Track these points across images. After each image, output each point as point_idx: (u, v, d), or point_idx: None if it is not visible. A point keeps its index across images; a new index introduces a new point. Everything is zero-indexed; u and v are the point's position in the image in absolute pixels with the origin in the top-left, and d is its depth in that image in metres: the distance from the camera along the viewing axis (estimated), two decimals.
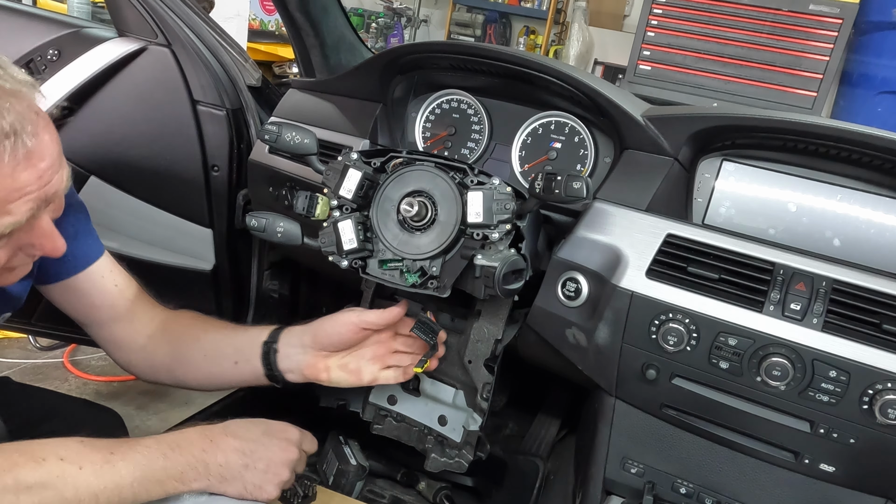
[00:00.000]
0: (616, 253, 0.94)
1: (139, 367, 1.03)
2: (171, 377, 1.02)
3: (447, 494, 1.39)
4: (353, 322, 0.95)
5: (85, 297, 0.98)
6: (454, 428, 1.07)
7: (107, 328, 1.01)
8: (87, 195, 1.45)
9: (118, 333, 1.01)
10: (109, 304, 0.99)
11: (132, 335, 1.01)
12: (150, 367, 1.02)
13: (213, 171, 1.44)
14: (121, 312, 1.00)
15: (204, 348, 0.99)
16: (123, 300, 1.00)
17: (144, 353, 1.01)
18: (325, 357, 0.97)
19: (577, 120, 1.14)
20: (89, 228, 0.99)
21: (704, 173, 1.02)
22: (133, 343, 1.01)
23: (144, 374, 1.04)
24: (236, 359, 0.98)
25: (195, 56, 1.39)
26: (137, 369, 1.03)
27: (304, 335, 0.97)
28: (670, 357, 0.90)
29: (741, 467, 0.95)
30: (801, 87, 2.87)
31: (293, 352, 0.97)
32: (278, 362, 0.97)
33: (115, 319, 1.00)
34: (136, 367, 1.03)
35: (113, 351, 1.03)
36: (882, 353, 0.80)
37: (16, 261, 0.75)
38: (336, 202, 0.95)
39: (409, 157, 0.96)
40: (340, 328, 0.95)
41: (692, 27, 3.01)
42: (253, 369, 0.98)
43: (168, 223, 1.49)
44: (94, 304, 0.99)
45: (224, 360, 0.99)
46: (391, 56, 1.20)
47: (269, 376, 0.98)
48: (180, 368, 1.00)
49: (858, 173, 0.94)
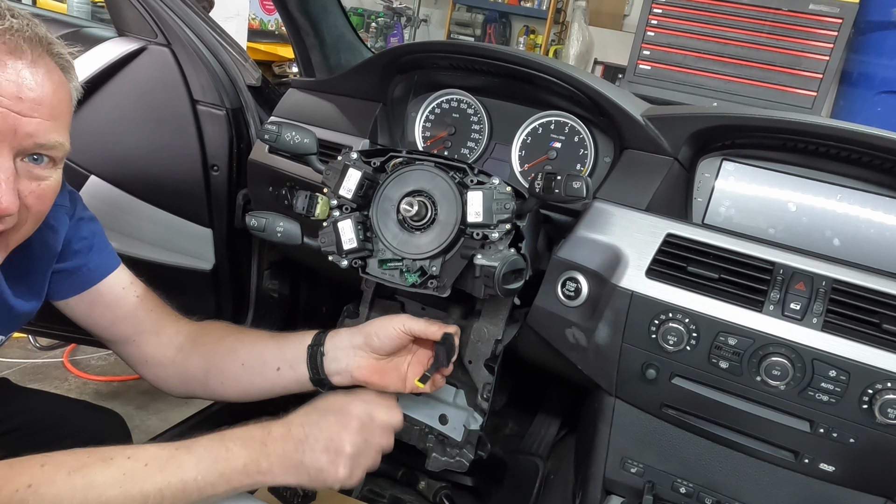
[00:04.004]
0: (616, 252, 0.94)
1: (171, 383, 1.00)
2: (206, 390, 0.99)
3: (447, 494, 1.39)
4: (401, 326, 0.92)
5: (108, 311, 0.97)
6: (455, 427, 1.08)
7: (134, 344, 0.99)
8: (87, 195, 1.45)
9: (147, 349, 0.99)
10: (133, 316, 0.98)
11: (161, 349, 0.99)
12: (181, 381, 1.00)
13: (213, 171, 1.44)
14: (146, 326, 0.99)
15: (242, 358, 0.96)
16: (147, 312, 0.99)
17: (174, 368, 0.99)
18: (377, 360, 0.94)
19: (576, 120, 1.14)
20: (104, 242, 0.99)
21: (704, 173, 1.02)
22: (163, 357, 0.99)
23: (177, 390, 1.01)
24: (278, 365, 0.95)
25: (195, 56, 1.39)
26: (169, 385, 1.01)
27: (354, 336, 0.94)
28: (670, 357, 0.90)
29: (741, 467, 0.95)
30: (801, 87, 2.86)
31: (342, 354, 0.93)
32: (326, 364, 0.93)
33: (142, 333, 0.99)
34: (167, 382, 1.01)
35: (143, 368, 1.01)
36: (882, 352, 0.80)
37: None
38: (336, 202, 0.95)
39: (408, 156, 0.96)
40: (392, 331, 0.92)
41: (692, 27, 3.01)
42: (297, 375, 0.94)
43: (168, 223, 1.49)
44: (118, 318, 0.98)
45: (265, 368, 0.96)
46: (391, 56, 1.20)
47: (315, 381, 0.94)
48: (216, 380, 0.97)
49: (858, 173, 0.94)
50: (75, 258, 0.94)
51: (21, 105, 0.68)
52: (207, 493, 0.74)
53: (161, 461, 0.72)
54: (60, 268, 0.93)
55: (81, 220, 0.96)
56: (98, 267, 0.97)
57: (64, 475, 0.68)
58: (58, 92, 0.73)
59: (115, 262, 0.99)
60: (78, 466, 0.68)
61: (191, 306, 1.07)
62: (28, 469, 0.67)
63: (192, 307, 1.07)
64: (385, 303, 1.16)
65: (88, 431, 1.11)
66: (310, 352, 0.94)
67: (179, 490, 0.72)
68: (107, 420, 1.18)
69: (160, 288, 1.06)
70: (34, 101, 0.69)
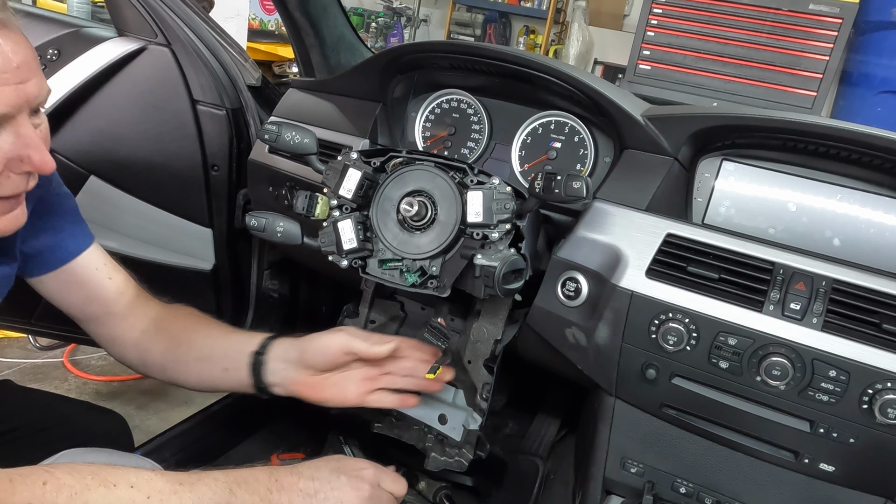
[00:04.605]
0: (616, 252, 0.94)
1: (133, 362, 1.02)
2: (164, 375, 1.01)
3: (447, 494, 1.39)
4: (340, 346, 0.93)
5: (80, 290, 0.97)
6: (454, 427, 1.08)
7: (103, 324, 1.00)
8: (87, 195, 1.45)
9: (114, 329, 1.00)
10: (104, 297, 0.98)
11: (127, 331, 1.00)
12: (142, 363, 1.01)
13: (213, 171, 1.44)
14: (116, 308, 0.99)
15: (195, 351, 0.98)
16: (118, 294, 0.99)
17: (137, 350, 1.00)
18: (313, 374, 0.95)
19: (576, 120, 1.14)
20: (78, 218, 0.98)
21: (704, 173, 1.02)
22: (127, 339, 1.00)
23: (138, 369, 1.03)
24: (226, 365, 0.96)
25: (195, 56, 1.39)
26: (132, 364, 1.03)
27: (290, 350, 0.95)
28: (670, 357, 0.90)
29: (741, 467, 0.95)
30: (801, 87, 2.87)
31: (281, 367, 0.95)
32: (265, 375, 0.95)
33: (111, 314, 0.99)
34: (129, 361, 1.02)
35: (108, 346, 1.03)
36: (882, 352, 0.80)
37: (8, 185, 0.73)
38: (336, 202, 0.95)
39: (408, 156, 0.96)
40: (327, 350, 0.93)
41: (692, 27, 3.01)
42: (241, 378, 0.96)
43: (168, 223, 1.50)
44: (90, 298, 0.98)
45: (214, 366, 0.97)
46: (391, 56, 1.20)
47: (257, 387, 0.96)
48: (173, 368, 0.99)
49: (858, 173, 0.94)
50: (50, 235, 0.93)
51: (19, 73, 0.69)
52: None
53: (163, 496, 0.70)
54: (35, 245, 0.92)
55: (57, 196, 0.95)
56: (72, 245, 0.96)
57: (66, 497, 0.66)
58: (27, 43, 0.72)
59: (88, 241, 0.98)
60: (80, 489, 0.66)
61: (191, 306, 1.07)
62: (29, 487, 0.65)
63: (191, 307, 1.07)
64: (385, 303, 1.16)
65: (89, 431, 1.11)
66: (252, 359, 0.95)
67: None
68: (108, 420, 1.18)
69: (160, 288, 1.06)
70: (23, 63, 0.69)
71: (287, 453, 1.46)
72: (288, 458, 1.43)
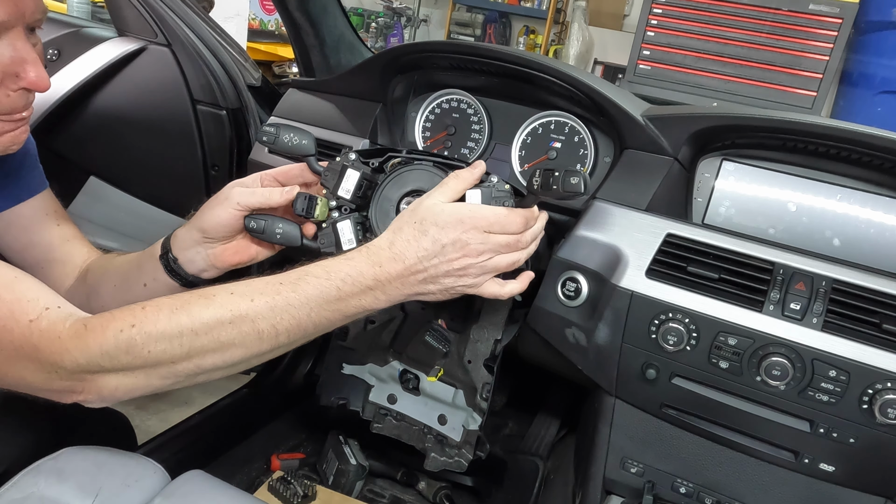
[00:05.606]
0: (616, 252, 0.94)
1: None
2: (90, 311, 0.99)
3: (447, 494, 1.39)
4: (233, 214, 0.88)
5: (24, 233, 0.95)
6: (454, 427, 1.08)
7: (42, 270, 0.97)
8: (87, 195, 1.46)
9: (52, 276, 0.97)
10: (47, 242, 0.96)
11: (63, 278, 0.98)
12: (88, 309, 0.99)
13: (213, 171, 1.44)
14: (57, 255, 0.97)
15: (112, 279, 0.95)
16: (61, 241, 0.97)
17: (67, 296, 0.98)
18: (229, 242, 0.92)
19: (576, 120, 1.14)
20: (35, 163, 0.96)
21: (704, 173, 1.02)
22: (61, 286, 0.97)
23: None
24: (144, 281, 0.93)
25: (195, 56, 1.39)
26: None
27: (191, 233, 0.91)
28: (670, 357, 0.90)
29: (741, 467, 0.95)
30: (801, 87, 2.86)
31: (193, 254, 0.91)
32: (185, 268, 0.92)
33: (51, 261, 0.97)
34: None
35: None
36: (882, 352, 0.80)
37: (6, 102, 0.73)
38: (335, 203, 0.95)
39: (407, 156, 0.96)
40: (225, 218, 0.88)
41: (692, 27, 3.00)
42: (165, 285, 0.92)
43: (168, 223, 1.50)
44: (33, 242, 0.96)
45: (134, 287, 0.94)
46: (391, 56, 1.20)
47: (186, 284, 0.92)
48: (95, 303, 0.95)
49: (858, 173, 0.94)
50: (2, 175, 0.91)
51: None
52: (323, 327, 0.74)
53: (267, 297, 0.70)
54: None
55: None
56: (26, 186, 0.94)
57: (167, 314, 0.66)
58: None
59: (42, 184, 0.96)
60: (180, 305, 0.67)
61: None
62: (129, 312, 0.67)
63: None
64: None
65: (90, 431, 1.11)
66: (163, 262, 0.92)
67: (294, 326, 0.71)
68: (109, 419, 1.18)
69: None
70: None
71: (287, 453, 1.46)
72: (288, 458, 1.43)
